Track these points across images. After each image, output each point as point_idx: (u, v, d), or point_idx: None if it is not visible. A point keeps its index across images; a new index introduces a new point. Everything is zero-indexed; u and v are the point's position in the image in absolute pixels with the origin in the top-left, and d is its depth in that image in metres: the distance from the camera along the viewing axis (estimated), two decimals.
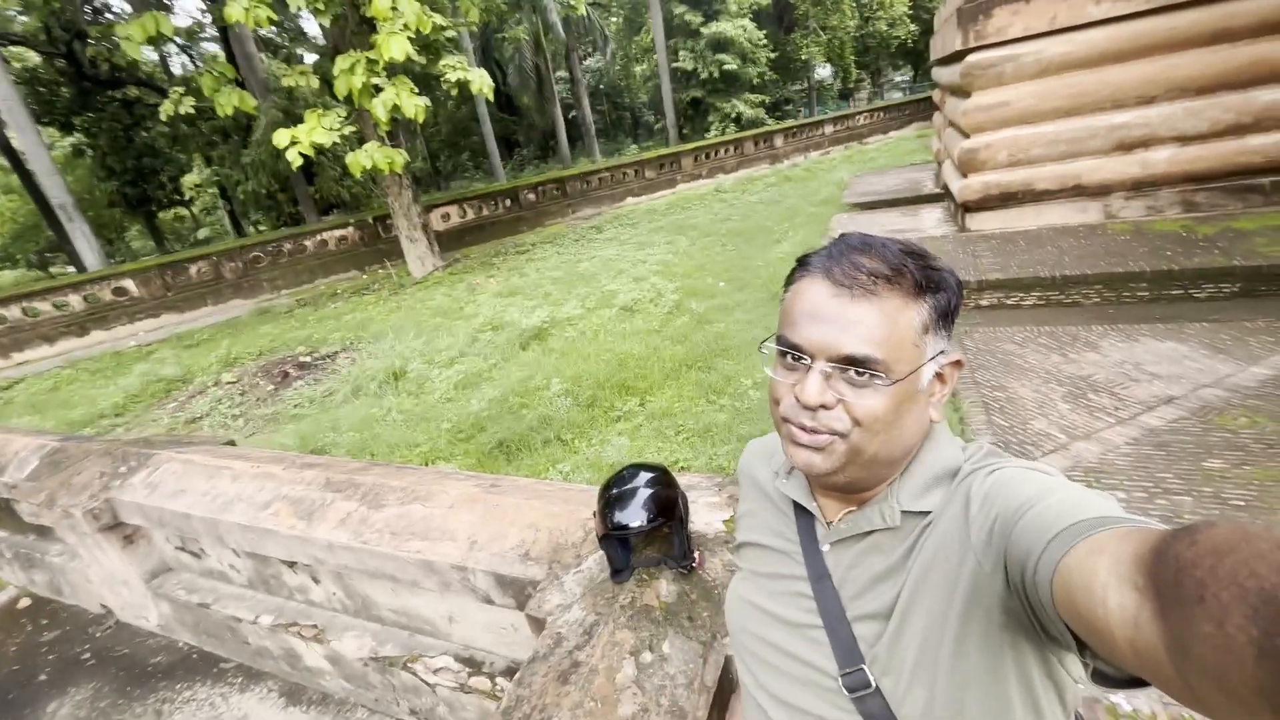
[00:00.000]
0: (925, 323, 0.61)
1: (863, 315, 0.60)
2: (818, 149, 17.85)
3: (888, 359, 0.59)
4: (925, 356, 0.61)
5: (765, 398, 3.54)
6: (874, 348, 0.59)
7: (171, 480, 2.47)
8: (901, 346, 0.60)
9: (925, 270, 0.61)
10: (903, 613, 0.62)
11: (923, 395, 0.63)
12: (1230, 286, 4.38)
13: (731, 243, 8.90)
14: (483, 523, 1.77)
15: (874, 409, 0.60)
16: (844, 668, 0.66)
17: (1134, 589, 0.38)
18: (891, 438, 0.62)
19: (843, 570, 0.69)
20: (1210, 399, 2.93)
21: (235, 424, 5.26)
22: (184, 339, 9.34)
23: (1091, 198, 6.00)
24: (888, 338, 0.59)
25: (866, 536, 0.67)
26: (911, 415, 0.63)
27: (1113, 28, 5.41)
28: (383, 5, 7.17)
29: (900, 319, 0.60)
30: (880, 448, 0.63)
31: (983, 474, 0.60)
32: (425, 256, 10.66)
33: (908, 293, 0.60)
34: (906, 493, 0.65)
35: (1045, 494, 0.52)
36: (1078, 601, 0.42)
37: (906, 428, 0.63)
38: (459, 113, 25.80)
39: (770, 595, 0.76)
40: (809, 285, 0.64)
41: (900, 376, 0.60)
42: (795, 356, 0.63)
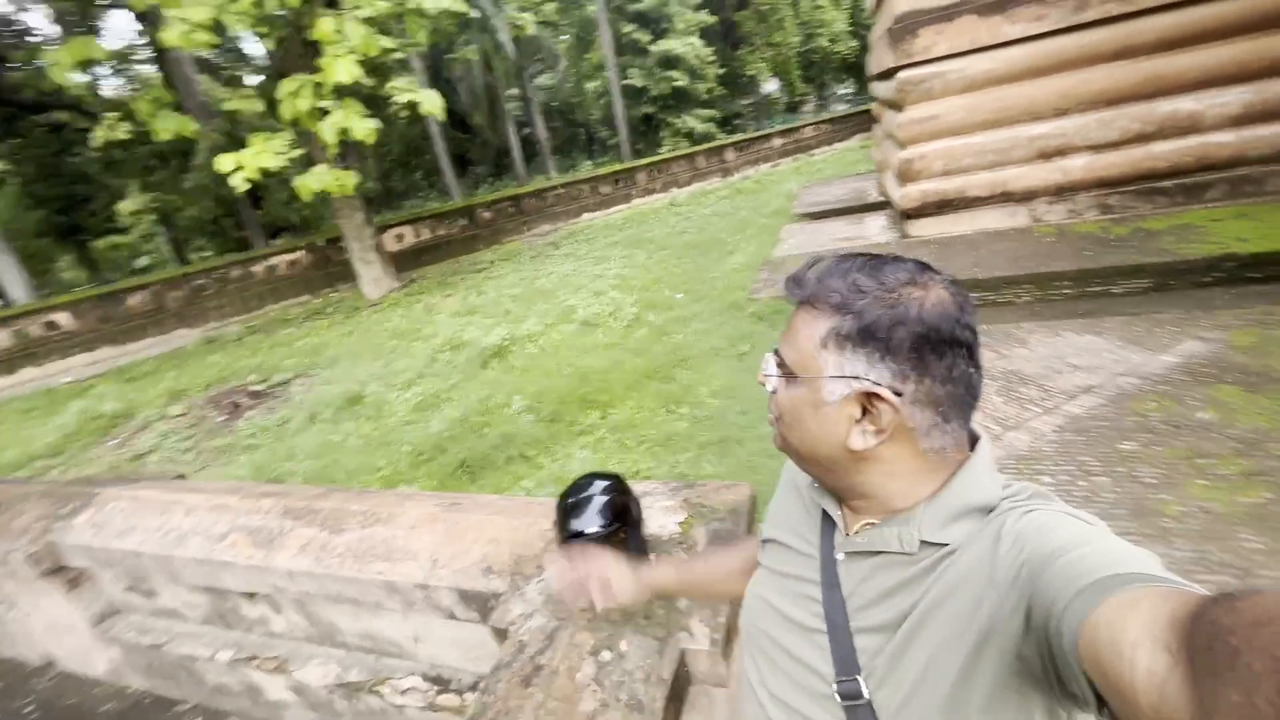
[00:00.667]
0: (824, 338, 0.65)
1: (793, 324, 0.70)
2: (767, 161, 18.37)
3: (790, 361, 0.68)
4: (825, 370, 0.65)
5: (723, 406, 3.65)
6: (784, 348, 0.70)
7: (119, 519, 2.40)
8: (802, 355, 0.67)
9: (849, 294, 0.64)
10: (909, 633, 0.62)
11: (830, 410, 0.65)
12: (1143, 282, 4.74)
13: (688, 255, 9.09)
14: (445, 541, 1.80)
15: (780, 403, 0.71)
16: (840, 675, 0.67)
17: (1166, 651, 0.36)
18: (801, 437, 0.69)
19: (853, 582, 0.70)
20: (1125, 386, 3.18)
21: (185, 458, 5.08)
22: (125, 372, 8.93)
23: (1018, 203, 6.39)
24: (794, 343, 0.68)
25: (881, 554, 0.68)
26: (815, 422, 0.67)
27: (1028, 46, 5.82)
28: (327, 29, 7.12)
29: (807, 330, 0.67)
30: (796, 444, 0.70)
31: (1019, 513, 0.59)
32: (380, 278, 10.50)
33: (820, 310, 0.66)
34: (929, 522, 0.64)
35: (1082, 542, 0.51)
36: (1103, 657, 0.41)
37: (813, 432, 0.67)
38: (410, 132, 25.54)
39: (783, 594, 0.78)
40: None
41: (802, 380, 0.67)
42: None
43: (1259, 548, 2.07)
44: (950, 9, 5.93)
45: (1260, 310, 3.81)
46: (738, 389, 4.29)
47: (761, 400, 3.84)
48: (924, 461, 0.65)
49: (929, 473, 0.66)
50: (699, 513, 1.68)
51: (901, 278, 0.64)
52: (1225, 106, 5.50)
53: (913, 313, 0.62)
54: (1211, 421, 2.71)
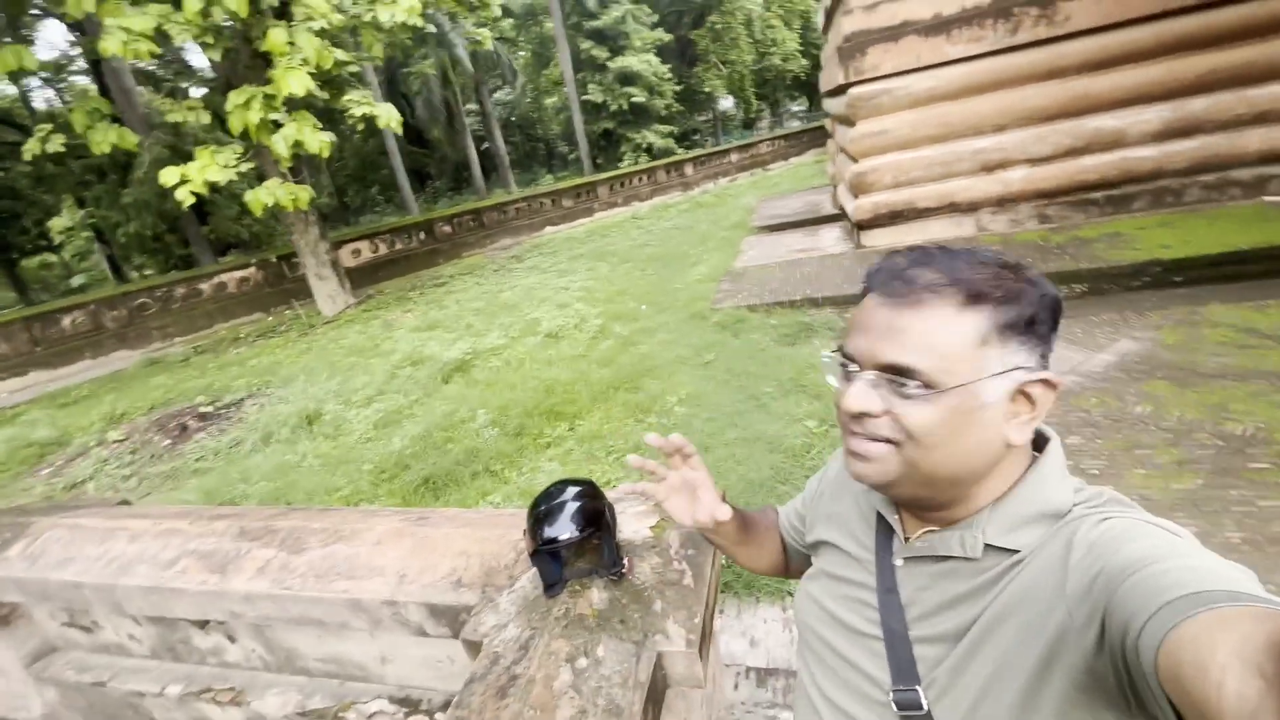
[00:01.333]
0: (983, 333, 0.57)
1: (906, 324, 0.59)
2: (726, 176, 18.76)
3: (930, 368, 0.57)
4: (986, 370, 0.57)
5: (690, 413, 3.68)
6: (914, 356, 0.58)
7: (56, 549, 2.26)
8: (949, 357, 0.57)
9: (994, 280, 0.59)
10: (973, 644, 0.59)
11: (991, 413, 0.58)
12: (1080, 286, 5.02)
13: (650, 267, 9.17)
14: (412, 555, 1.75)
15: (921, 421, 0.58)
16: (897, 684, 0.64)
17: (1260, 677, 0.35)
18: (949, 454, 0.59)
19: (912, 589, 0.67)
20: (1068, 384, 3.36)
21: (126, 485, 4.80)
22: (58, 397, 8.42)
23: (964, 213, 6.70)
24: (931, 347, 0.58)
25: (943, 560, 0.64)
26: (973, 433, 0.59)
27: (967, 65, 6.15)
28: (279, 40, 6.96)
29: (948, 329, 0.58)
30: (938, 465, 0.60)
31: (1094, 519, 0.56)
32: (336, 294, 10.23)
33: (961, 302, 0.58)
34: (995, 526, 0.61)
35: (1168, 555, 0.48)
36: (1186, 677, 0.39)
37: (968, 446, 0.59)
38: (365, 146, 25.11)
39: (836, 599, 0.76)
40: (868, 299, 0.64)
41: (947, 387, 0.57)
42: (847, 366, 0.64)
43: (1194, 531, 2.20)
44: (896, 29, 6.22)
45: (1184, 310, 4.09)
46: (703, 397, 4.34)
47: (727, 408, 3.88)
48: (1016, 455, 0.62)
49: (1011, 470, 0.62)
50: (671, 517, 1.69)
51: (1009, 261, 0.61)
52: (1146, 123, 5.91)
53: (1052, 292, 0.60)
54: (1147, 415, 2.89)
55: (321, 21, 7.14)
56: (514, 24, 26.51)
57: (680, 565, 1.54)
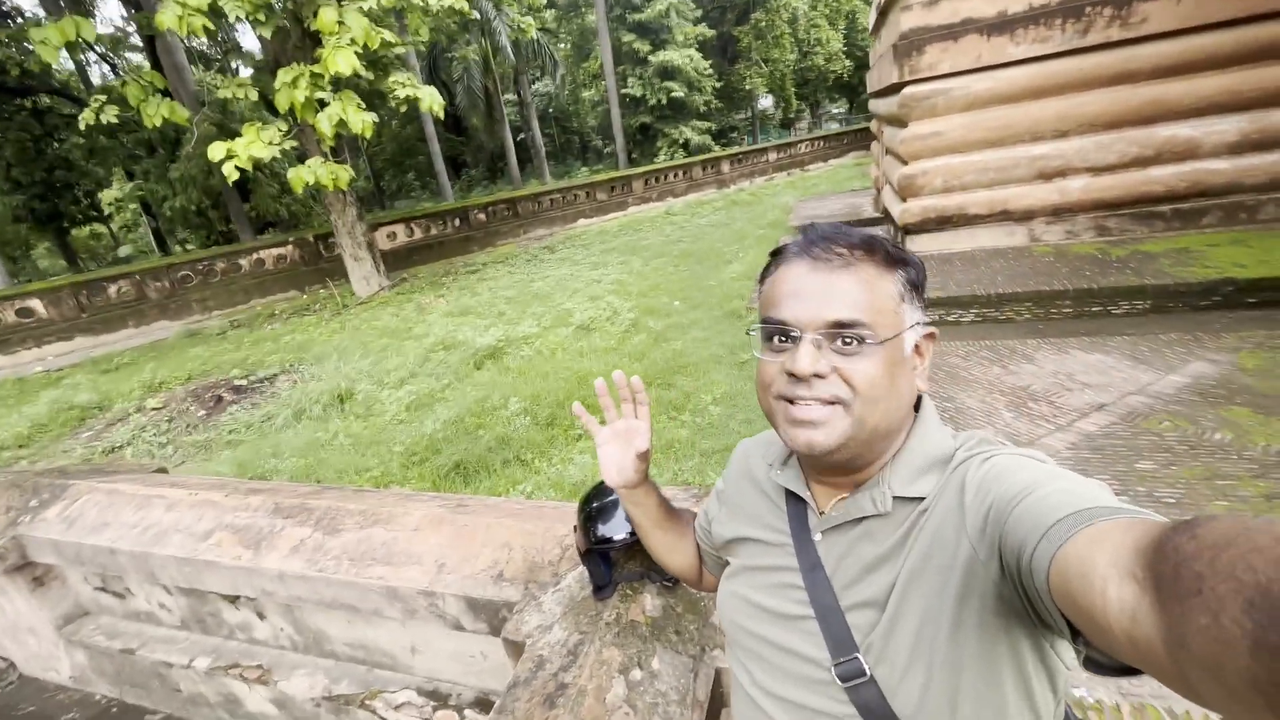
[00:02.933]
0: (900, 291, 0.64)
1: (845, 285, 0.63)
2: (763, 175, 18.49)
3: (872, 322, 0.62)
4: (905, 323, 0.64)
5: (726, 414, 3.55)
6: (859, 311, 0.62)
7: (93, 513, 2.25)
8: (883, 311, 0.63)
9: (894, 246, 0.66)
10: (898, 601, 0.62)
11: (909, 363, 0.65)
12: (1143, 303, 4.76)
13: (684, 263, 9.04)
14: (451, 544, 1.68)
15: (870, 372, 0.62)
16: (837, 657, 0.65)
17: (1133, 581, 0.38)
18: (890, 406, 0.63)
19: (835, 559, 0.68)
20: (1136, 405, 3.15)
21: (162, 453, 4.87)
22: (100, 363, 8.64)
23: (1018, 222, 6.43)
24: (870, 303, 0.62)
25: (859, 524, 0.67)
26: (904, 382, 0.64)
27: (1030, 67, 5.88)
28: (329, 19, 7.00)
29: (878, 286, 0.63)
30: (881, 418, 0.63)
31: (978, 460, 0.60)
32: (370, 276, 10.32)
33: (881, 264, 0.64)
34: (899, 478, 0.65)
35: (1042, 482, 0.52)
36: (1075, 591, 0.42)
37: (902, 395, 0.64)
38: (404, 132, 25.39)
39: (761, 589, 0.75)
40: (788, 269, 0.66)
41: (887, 338, 0.62)
42: (783, 335, 0.65)
43: None
44: (956, 27, 5.98)
45: (1262, 334, 3.83)
46: (739, 397, 4.21)
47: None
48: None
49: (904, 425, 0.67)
50: None
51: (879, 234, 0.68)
52: (1222, 134, 5.58)
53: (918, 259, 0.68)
54: (1227, 443, 2.68)
55: (371, 2, 7.16)
56: (556, 15, 26.51)
57: None
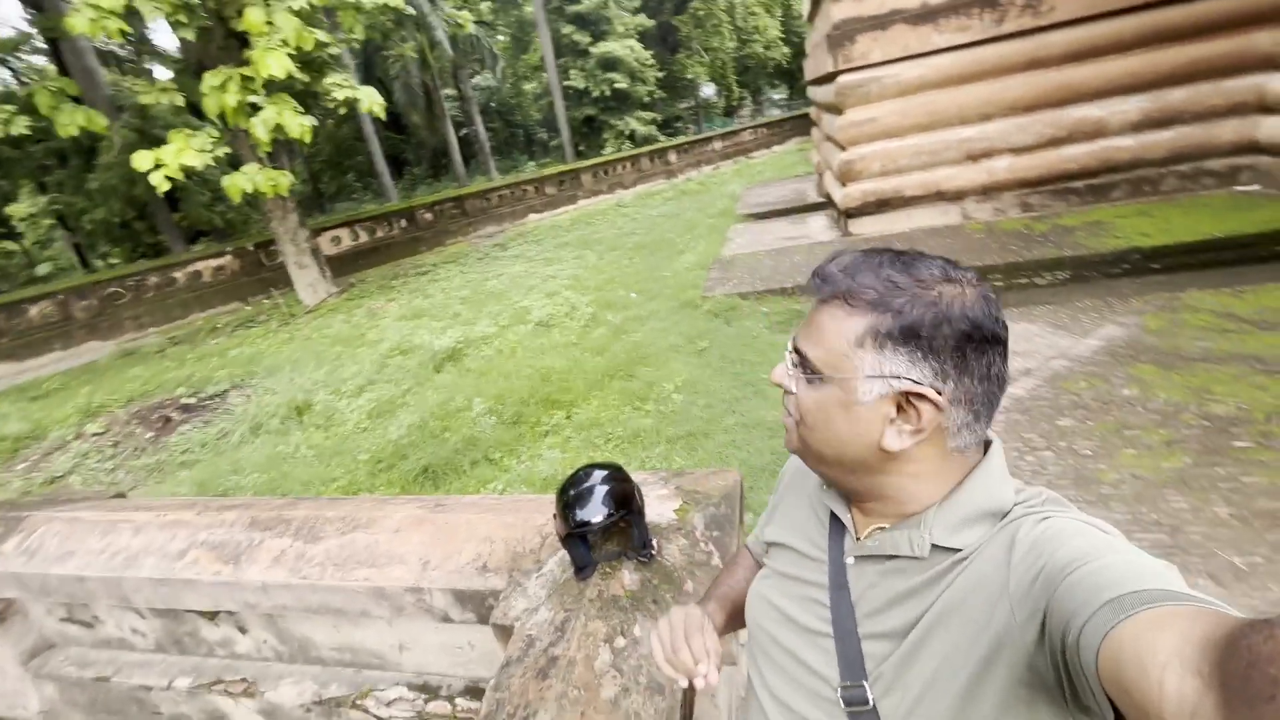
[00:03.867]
0: (859, 336, 0.62)
1: (817, 320, 0.66)
2: (709, 164, 18.72)
3: (815, 359, 0.65)
4: (861, 370, 0.62)
5: (688, 400, 3.69)
6: (808, 346, 0.66)
7: (54, 542, 2.20)
8: (832, 352, 0.64)
9: (881, 291, 0.62)
10: (918, 640, 0.61)
11: (864, 411, 0.63)
12: (1063, 274, 5.14)
13: (638, 255, 9.14)
14: (434, 542, 1.75)
15: (804, 404, 0.67)
16: (845, 680, 0.66)
17: (1197, 676, 0.36)
18: (825, 438, 0.66)
19: (863, 586, 0.68)
20: (1058, 369, 3.45)
21: (110, 478, 4.68)
22: (27, 390, 8.14)
23: (950, 202, 6.80)
24: (820, 341, 0.65)
25: (892, 559, 0.66)
26: (844, 425, 0.64)
27: (953, 55, 6.21)
28: (256, 20, 6.74)
29: (836, 327, 0.64)
30: (820, 446, 0.67)
31: (1034, 519, 0.58)
32: (317, 283, 10.02)
33: (853, 306, 0.63)
34: (941, 526, 0.63)
35: (1101, 552, 0.49)
36: (1127, 676, 0.40)
37: (841, 435, 0.64)
38: (341, 132, 24.48)
39: (789, 597, 0.77)
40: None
41: (826, 378, 0.64)
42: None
43: (1184, 507, 2.30)
44: (884, 18, 6.25)
45: (1165, 297, 4.22)
46: (699, 384, 4.37)
47: (724, 395, 3.92)
48: (947, 462, 0.64)
49: (949, 474, 0.64)
50: (693, 499, 1.71)
51: (936, 274, 0.62)
52: (1126, 114, 6.04)
53: (956, 310, 0.59)
54: (1135, 397, 2.99)
55: (300, 1, 6.92)
56: (492, 7, 26.00)
57: (708, 547, 1.57)
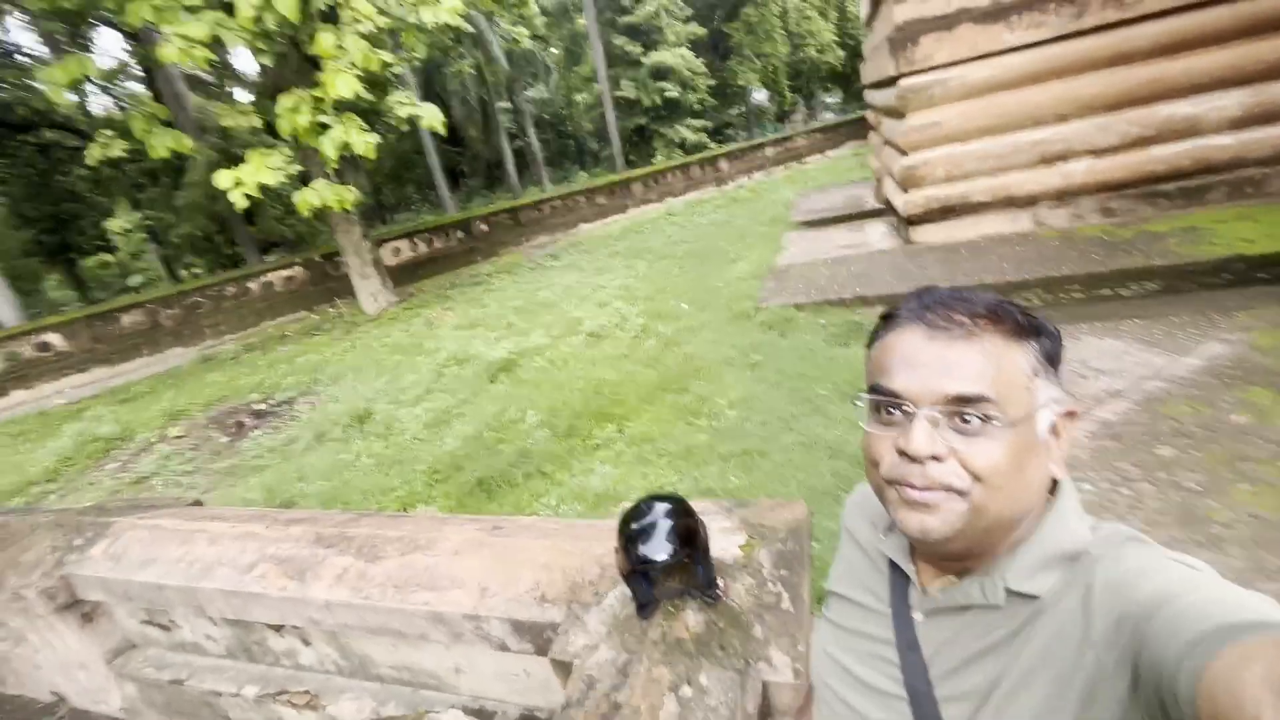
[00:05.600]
0: (1034, 365, 0.58)
1: (966, 356, 0.57)
2: (760, 170, 18.48)
3: (999, 398, 0.55)
4: (1038, 402, 0.57)
5: (742, 417, 3.58)
6: (983, 385, 0.55)
7: (138, 549, 2.31)
8: (1012, 387, 0.56)
9: (1025, 313, 0.59)
10: (1002, 701, 0.57)
11: (1041, 447, 0.58)
12: (1153, 284, 4.76)
13: (689, 264, 9.08)
14: (492, 567, 1.73)
15: (993, 458, 0.55)
16: None
17: None
18: (1016, 495, 0.57)
19: (935, 644, 0.64)
20: (1153, 390, 3.17)
21: (189, 480, 4.96)
22: (119, 393, 8.77)
23: (1021, 208, 6.43)
24: (996, 377, 0.56)
25: (964, 611, 0.62)
26: (1034, 469, 0.58)
27: (1027, 53, 5.88)
28: (327, 44, 7.08)
29: (1005, 359, 0.57)
30: (1004, 507, 0.57)
31: (1111, 558, 0.55)
32: (378, 292, 10.41)
33: (1010, 333, 0.58)
34: (1015, 571, 0.59)
35: (1187, 589, 0.47)
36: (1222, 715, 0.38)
37: (1030, 484, 0.58)
38: (402, 146, 25.52)
39: (855, 655, 0.73)
40: (900, 334, 0.61)
41: (1017, 419, 0.55)
42: (893, 407, 0.59)
43: None
44: (950, 17, 5.99)
45: (1276, 311, 3.82)
46: (755, 399, 4.25)
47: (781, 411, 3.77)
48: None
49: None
50: (759, 533, 1.62)
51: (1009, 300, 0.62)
52: (1223, 110, 5.57)
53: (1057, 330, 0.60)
54: (1248, 425, 2.70)
55: (368, 24, 7.24)
56: (547, 21, 26.57)
57: (776, 588, 1.48)
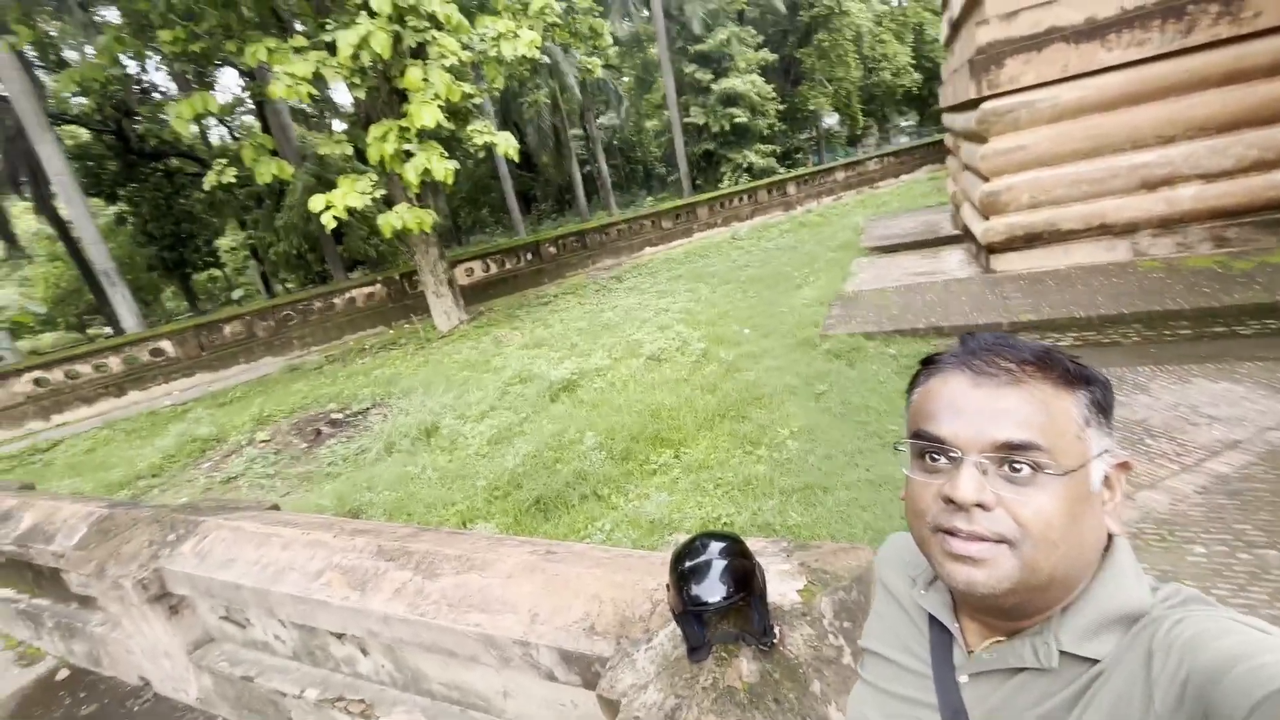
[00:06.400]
0: (1085, 414, 0.55)
1: (1014, 403, 0.54)
2: (830, 195, 18.15)
3: (1051, 447, 0.53)
4: (1091, 452, 0.55)
5: (804, 449, 3.45)
6: (1034, 433, 0.53)
7: (220, 549, 2.47)
8: (1063, 436, 0.53)
9: (1074, 361, 0.57)
10: None
11: (1096, 500, 0.55)
12: (1276, 323, 4.28)
13: (752, 289, 8.97)
14: (543, 593, 1.72)
15: (1045, 510, 0.52)
16: None
17: None
18: (1070, 550, 0.54)
19: (984, 710, 0.60)
20: (1278, 442, 2.82)
21: (270, 483, 5.29)
22: (217, 397, 9.53)
23: (1118, 236, 5.98)
24: (1047, 424, 0.53)
25: (1015, 674, 0.58)
26: (1088, 524, 0.54)
27: (1127, 72, 5.51)
28: (415, 78, 7.57)
29: (1056, 407, 0.54)
30: (1059, 563, 0.53)
31: (1172, 620, 0.51)
32: (450, 310, 10.87)
33: (1059, 381, 0.55)
34: (1070, 632, 0.55)
35: (1261, 650, 0.44)
36: None
37: (1085, 538, 0.55)
38: (478, 171, 26.83)
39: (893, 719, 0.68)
40: (944, 380, 0.59)
41: (1069, 469, 0.53)
42: (938, 453, 0.57)
43: None
44: (1039, 38, 5.71)
45: None
46: (818, 431, 4.10)
47: (846, 445, 3.60)
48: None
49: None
50: (820, 579, 1.54)
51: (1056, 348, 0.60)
52: None
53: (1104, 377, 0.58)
54: None
55: (452, 59, 7.69)
56: (620, 51, 27.41)
57: (837, 640, 1.39)
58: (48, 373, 10.00)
